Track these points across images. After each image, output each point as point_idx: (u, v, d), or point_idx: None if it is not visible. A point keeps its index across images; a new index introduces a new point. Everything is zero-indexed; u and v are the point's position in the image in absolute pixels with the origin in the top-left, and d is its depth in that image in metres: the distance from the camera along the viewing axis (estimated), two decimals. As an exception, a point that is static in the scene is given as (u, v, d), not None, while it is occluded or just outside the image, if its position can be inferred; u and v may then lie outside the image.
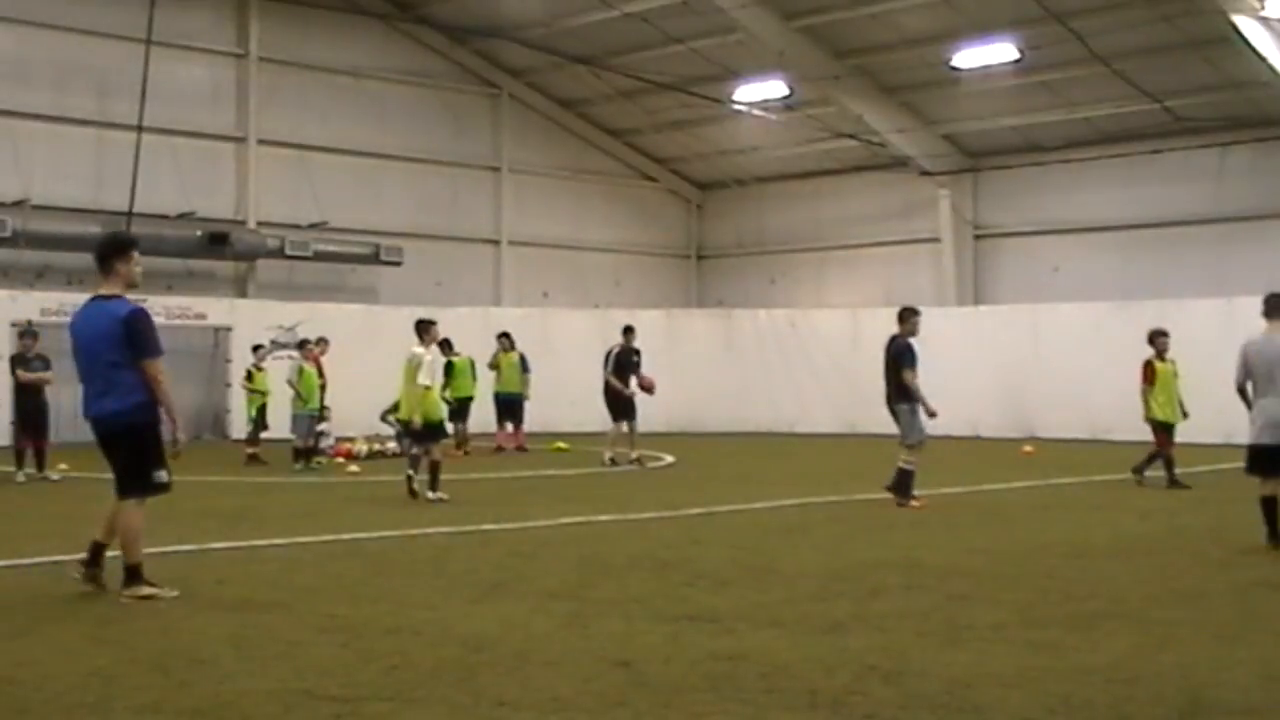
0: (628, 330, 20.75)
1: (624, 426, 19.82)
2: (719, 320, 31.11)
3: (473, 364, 22.88)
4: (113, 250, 8.73)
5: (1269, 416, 10.47)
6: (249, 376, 21.15)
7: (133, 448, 8.36)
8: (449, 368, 22.32)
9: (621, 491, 16.01)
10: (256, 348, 21.75)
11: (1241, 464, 10.90)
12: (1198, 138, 26.65)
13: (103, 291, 8.62)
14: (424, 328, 14.92)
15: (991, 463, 20.10)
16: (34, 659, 6.65)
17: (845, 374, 28.66)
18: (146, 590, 8.28)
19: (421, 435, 14.84)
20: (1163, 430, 16.16)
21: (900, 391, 14.11)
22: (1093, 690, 6.07)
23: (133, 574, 8.34)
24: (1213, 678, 6.31)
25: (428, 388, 14.79)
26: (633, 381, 20.18)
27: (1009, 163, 29.99)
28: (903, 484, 13.81)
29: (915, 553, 10.40)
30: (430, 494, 14.22)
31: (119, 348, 8.29)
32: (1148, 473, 16.23)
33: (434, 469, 14.40)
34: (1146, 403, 16.17)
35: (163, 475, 8.42)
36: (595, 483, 17.39)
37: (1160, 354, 16.31)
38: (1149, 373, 16.25)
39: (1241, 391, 10.87)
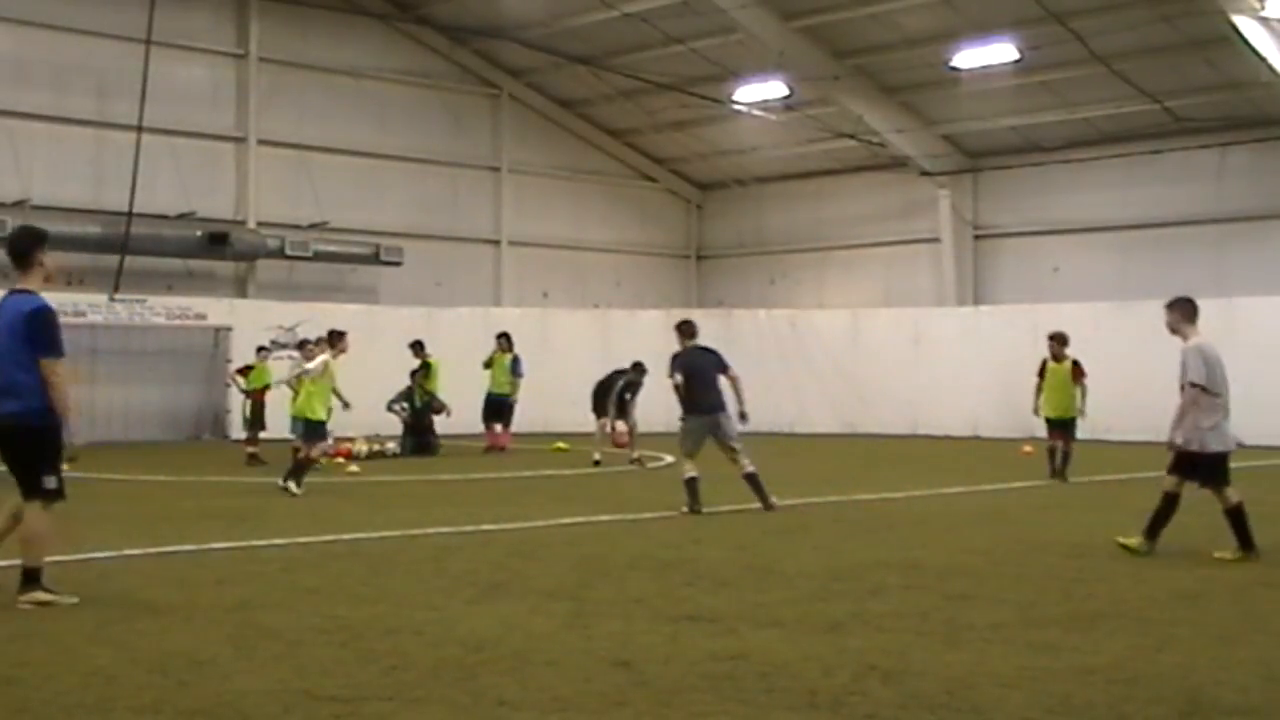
0: (638, 366, 20.46)
1: (608, 425, 19.94)
2: (719, 320, 31.02)
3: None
4: (33, 242, 8.19)
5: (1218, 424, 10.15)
6: (245, 370, 21.09)
7: (29, 450, 8.02)
8: (427, 369, 22.55)
9: (621, 491, 16.01)
10: (260, 349, 21.69)
11: (1241, 464, 10.89)
12: (1198, 138, 26.65)
13: (19, 286, 8.15)
14: (335, 338, 16.46)
15: (991, 463, 20.09)
16: (34, 659, 6.65)
17: (845, 374, 28.71)
18: (44, 596, 7.99)
19: (306, 433, 16.10)
20: (1050, 425, 17.30)
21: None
22: (1093, 690, 6.07)
23: (30, 577, 8.03)
24: (1213, 678, 6.31)
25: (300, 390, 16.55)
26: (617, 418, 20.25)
27: (1009, 163, 30.00)
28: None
29: (915, 553, 10.40)
30: (283, 481, 14.99)
31: (24, 344, 7.93)
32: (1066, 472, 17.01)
33: (301, 464, 15.46)
34: (1036, 399, 17.45)
35: (51, 481, 8.04)
36: (595, 483, 17.39)
37: (1054, 356, 17.31)
38: (1043, 371, 17.37)
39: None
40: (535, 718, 5.64)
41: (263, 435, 20.44)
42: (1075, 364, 17.30)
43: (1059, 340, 17.36)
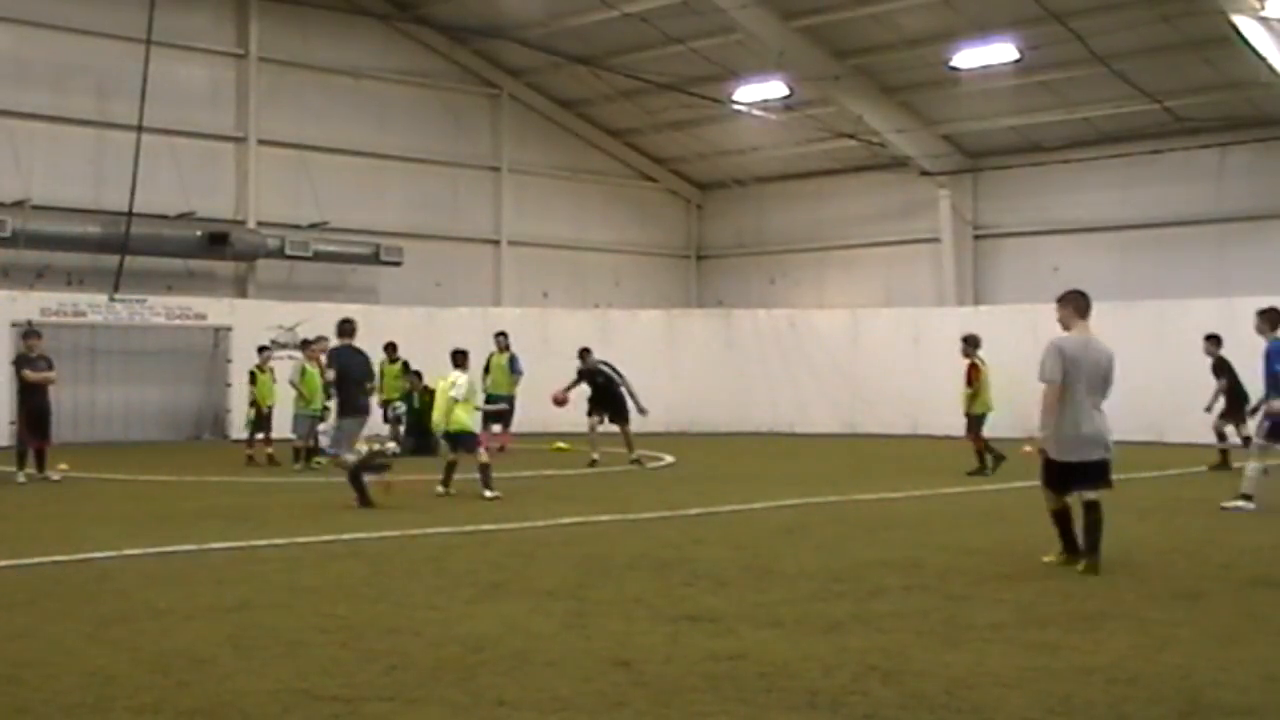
0: (586, 352, 20.89)
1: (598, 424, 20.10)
2: (719, 320, 31.10)
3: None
4: None
5: (1080, 431, 9.45)
6: (252, 379, 20.96)
7: None
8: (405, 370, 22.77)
9: (621, 491, 16.01)
10: (262, 349, 21.64)
11: (1241, 464, 10.89)
12: (1198, 138, 26.64)
13: None
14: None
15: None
16: (34, 659, 6.65)
17: (845, 374, 28.70)
18: None
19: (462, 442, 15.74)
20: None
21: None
22: (1093, 690, 6.07)
23: None
24: (1213, 678, 6.31)
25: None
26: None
27: (1009, 163, 29.99)
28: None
29: (915, 553, 10.40)
30: (485, 492, 14.72)
31: None
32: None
33: (486, 467, 15.04)
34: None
35: None
36: (595, 483, 17.39)
37: (965, 356, 18.12)
38: (970, 374, 18.15)
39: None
40: (535, 718, 5.65)
41: (259, 437, 20.33)
42: (972, 366, 18.08)
43: (966, 342, 18.28)
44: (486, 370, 23.46)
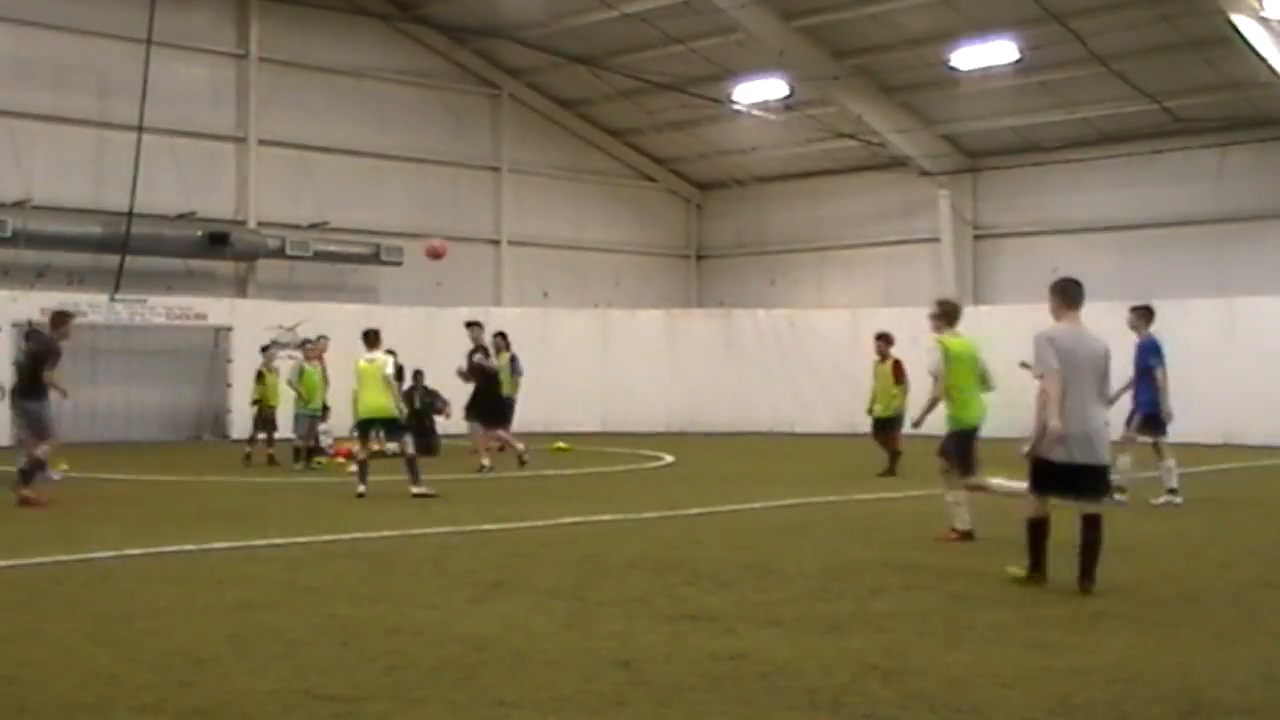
0: (475, 324, 20.02)
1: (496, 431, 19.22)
2: (719, 320, 31.11)
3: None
4: None
5: (1085, 428, 8.72)
6: (260, 379, 20.89)
7: None
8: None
9: (621, 491, 16.02)
10: (264, 349, 21.62)
11: (1240, 464, 10.89)
12: (1198, 138, 26.65)
13: None
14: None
15: (991, 463, 20.05)
16: (34, 659, 6.65)
17: (845, 374, 28.65)
18: None
19: None
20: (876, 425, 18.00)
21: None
22: (1093, 690, 6.07)
23: None
24: (1213, 678, 6.31)
25: None
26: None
27: (1009, 163, 30.00)
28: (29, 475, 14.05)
29: (915, 553, 10.40)
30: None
31: None
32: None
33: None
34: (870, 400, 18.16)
35: None
36: (595, 483, 17.39)
37: (880, 355, 18.00)
38: (898, 372, 17.87)
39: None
40: (535, 717, 5.65)
41: (261, 436, 20.36)
42: (896, 364, 17.79)
43: (884, 340, 18.04)
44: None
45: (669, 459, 21.05)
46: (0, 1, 25.23)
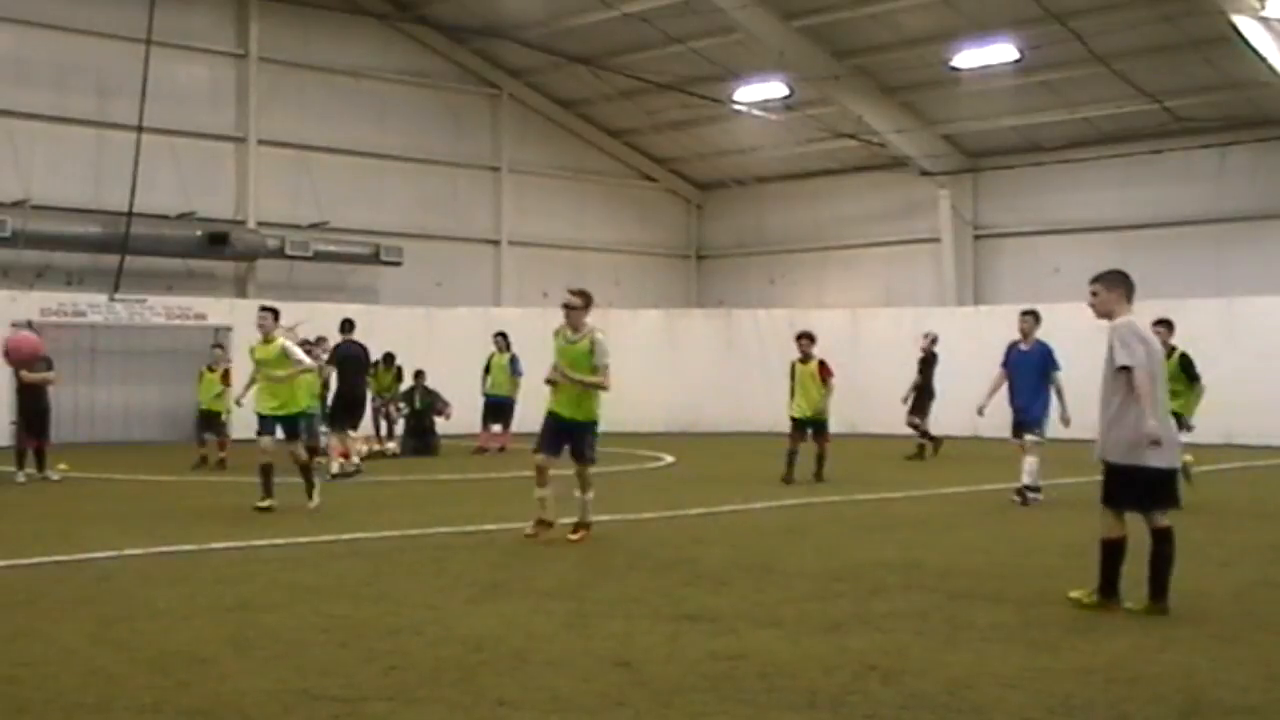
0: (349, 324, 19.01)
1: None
2: (719, 320, 31.10)
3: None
4: None
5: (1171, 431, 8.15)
6: (199, 376, 20.39)
7: None
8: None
9: (621, 491, 16.00)
10: (216, 346, 21.54)
11: (1241, 464, 10.88)
12: (1198, 138, 26.65)
13: None
14: None
15: (991, 463, 20.08)
16: (34, 659, 6.65)
17: (845, 374, 28.62)
18: None
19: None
20: (796, 425, 17.13)
21: None
22: (1093, 690, 6.07)
23: None
24: (1213, 678, 6.31)
25: None
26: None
27: (1009, 163, 30.00)
28: None
29: (915, 553, 10.40)
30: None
31: None
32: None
33: None
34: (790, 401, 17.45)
35: None
36: (595, 483, 17.34)
37: (802, 355, 17.30)
38: (793, 373, 17.32)
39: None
40: (535, 717, 5.65)
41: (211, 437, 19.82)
42: (822, 364, 17.26)
43: (807, 339, 17.44)
44: (487, 371, 23.45)
45: (669, 459, 21.05)
46: (0, 2, 25.23)
